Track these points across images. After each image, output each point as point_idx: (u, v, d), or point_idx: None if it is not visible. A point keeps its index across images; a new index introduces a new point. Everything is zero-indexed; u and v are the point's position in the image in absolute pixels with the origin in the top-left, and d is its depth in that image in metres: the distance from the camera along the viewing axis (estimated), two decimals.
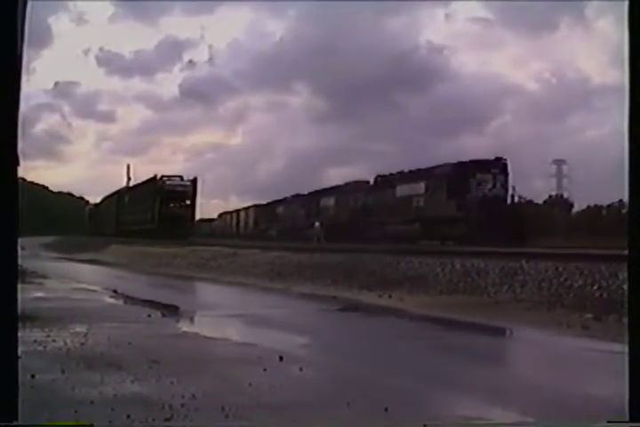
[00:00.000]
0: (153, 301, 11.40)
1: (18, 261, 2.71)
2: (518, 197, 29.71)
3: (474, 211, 26.97)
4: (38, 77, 78.27)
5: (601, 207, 43.39)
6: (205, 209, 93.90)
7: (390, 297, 11.50)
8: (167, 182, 42.49)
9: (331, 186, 41.42)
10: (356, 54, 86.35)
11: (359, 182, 37.42)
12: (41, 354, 5.74)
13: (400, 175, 33.08)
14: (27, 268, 16.98)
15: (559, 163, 52.17)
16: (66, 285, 14.35)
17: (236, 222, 56.15)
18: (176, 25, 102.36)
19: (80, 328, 7.34)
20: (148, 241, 33.01)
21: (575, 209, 47.77)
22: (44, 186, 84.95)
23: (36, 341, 6.31)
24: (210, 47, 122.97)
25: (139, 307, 10.62)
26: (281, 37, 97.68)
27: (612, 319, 7.88)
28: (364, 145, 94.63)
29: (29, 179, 60.31)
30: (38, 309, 8.62)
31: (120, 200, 51.22)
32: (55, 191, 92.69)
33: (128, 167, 53.78)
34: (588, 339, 7.31)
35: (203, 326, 8.97)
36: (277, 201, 48.37)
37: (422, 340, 7.75)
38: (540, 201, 46.32)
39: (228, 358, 6.02)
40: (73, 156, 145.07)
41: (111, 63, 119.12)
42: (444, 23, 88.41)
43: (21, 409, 2.76)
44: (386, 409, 4.08)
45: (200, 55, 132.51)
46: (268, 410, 4.13)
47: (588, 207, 45.01)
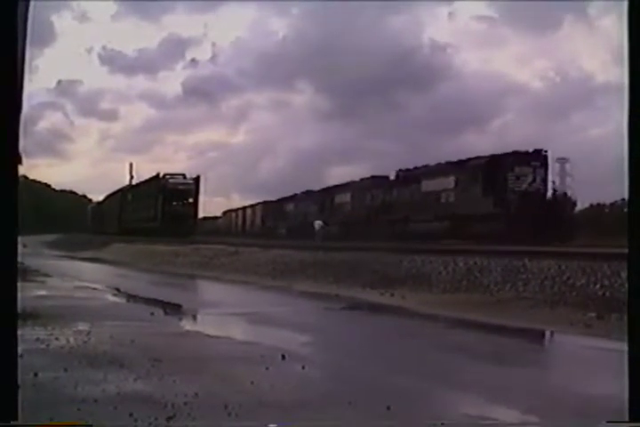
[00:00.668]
0: (155, 299, 11.41)
1: (18, 259, 2.71)
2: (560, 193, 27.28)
3: (513, 207, 24.78)
4: (41, 76, 78.35)
5: (604, 206, 43.25)
6: (208, 207, 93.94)
7: (392, 295, 11.49)
8: (170, 181, 42.51)
9: (346, 182, 39.24)
10: (360, 53, 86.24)
11: (377, 178, 35.46)
12: (43, 352, 5.74)
13: (426, 169, 30.73)
14: (29, 266, 17.03)
15: (562, 161, 52.03)
16: (68, 283, 14.36)
17: (242, 220, 55.02)
18: (179, 23, 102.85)
19: (82, 326, 7.35)
20: (151, 239, 33.05)
21: (578, 207, 47.65)
22: (47, 184, 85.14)
23: (39, 339, 6.31)
24: (213, 45, 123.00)
25: (141, 305, 10.64)
26: (284, 36, 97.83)
27: (615, 318, 7.87)
28: (367, 144, 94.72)
29: (32, 177, 60.54)
30: (41, 307, 8.62)
31: (123, 198, 51.24)
32: (58, 189, 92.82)
33: (131, 165, 53.82)
34: (591, 337, 7.31)
35: (205, 325, 8.97)
36: (287, 198, 46.81)
37: (424, 338, 7.75)
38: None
39: (231, 356, 6.02)
40: (75, 154, 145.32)
41: (114, 61, 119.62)
42: (448, 22, 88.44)
43: (24, 407, 2.76)
44: (388, 408, 4.08)
45: (203, 53, 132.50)
46: (271, 409, 4.13)
47: (591, 206, 44.89)
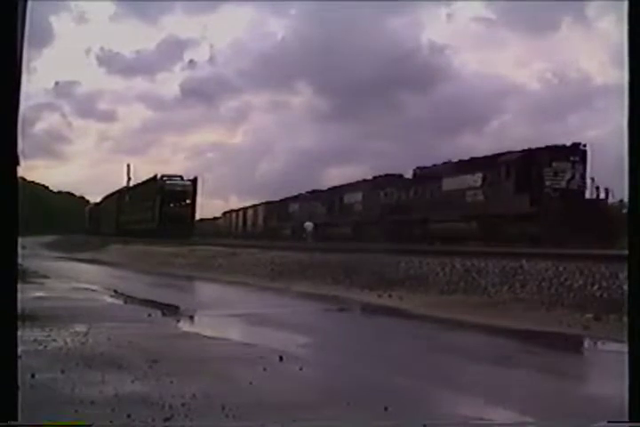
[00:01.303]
0: (153, 300, 11.40)
1: (18, 260, 2.71)
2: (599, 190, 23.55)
3: (552, 206, 22.45)
4: (39, 77, 78.27)
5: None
6: (207, 209, 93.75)
7: (390, 297, 11.49)
8: (167, 182, 42.49)
9: (356, 180, 36.80)
10: (358, 54, 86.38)
11: (391, 176, 33.34)
12: (41, 354, 5.73)
13: (448, 166, 28.48)
14: (27, 267, 16.99)
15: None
16: (66, 284, 14.35)
17: (243, 221, 53.50)
18: (177, 24, 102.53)
19: (80, 328, 7.34)
20: (149, 241, 33.02)
21: None
22: (45, 186, 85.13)
23: (37, 340, 6.30)
24: (211, 46, 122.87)
25: (139, 306, 10.63)
26: (282, 37, 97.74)
27: (613, 319, 7.88)
28: (366, 144, 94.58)
29: (30, 178, 60.49)
30: (39, 308, 8.62)
31: (120, 200, 51.21)
32: (56, 191, 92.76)
33: (128, 167, 53.84)
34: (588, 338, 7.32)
35: (203, 326, 8.97)
36: (291, 198, 44.89)
37: (421, 339, 7.75)
38: None
39: (229, 357, 6.02)
40: (73, 155, 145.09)
41: (112, 62, 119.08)
42: (446, 23, 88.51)
43: (22, 409, 2.76)
44: (385, 409, 4.08)
45: (201, 55, 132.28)
46: (268, 409, 4.13)
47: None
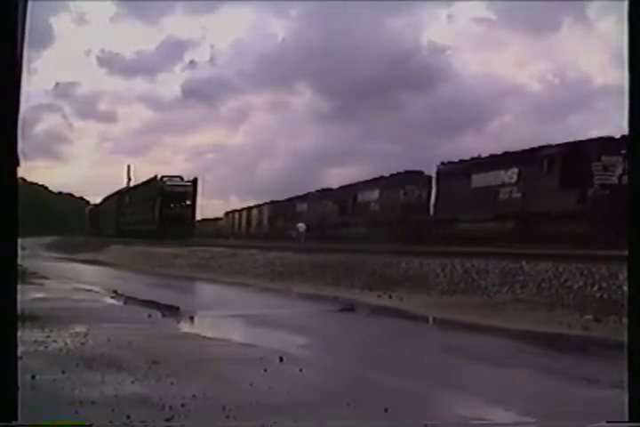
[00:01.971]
0: (153, 301, 11.39)
1: (17, 261, 2.71)
2: None
3: (601, 204, 20.22)
4: (39, 78, 78.32)
5: None
6: (207, 209, 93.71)
7: (390, 297, 11.49)
8: (167, 183, 42.48)
9: (372, 177, 34.49)
10: (359, 55, 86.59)
11: (411, 173, 31.22)
12: (41, 354, 5.73)
13: (476, 161, 26.39)
14: (27, 268, 16.99)
15: None
16: (66, 285, 14.34)
17: (247, 221, 52.03)
18: (178, 25, 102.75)
19: (80, 329, 7.33)
20: (149, 241, 33.01)
21: None
22: (45, 186, 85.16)
23: (37, 341, 6.30)
24: (212, 47, 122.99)
25: (139, 307, 10.62)
26: (283, 37, 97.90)
27: (613, 320, 7.87)
28: (366, 145, 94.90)
29: (30, 179, 60.51)
30: (39, 309, 8.61)
31: (120, 201, 51.21)
32: (56, 192, 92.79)
33: (128, 168, 53.81)
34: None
35: (203, 327, 8.97)
36: (299, 197, 43.50)
37: (421, 340, 7.76)
38: None
39: (229, 358, 6.02)
40: (73, 156, 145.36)
41: (112, 63, 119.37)
42: (447, 24, 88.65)
43: (23, 409, 2.75)
44: (386, 410, 4.08)
45: (202, 55, 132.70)
46: (269, 410, 4.13)
47: None
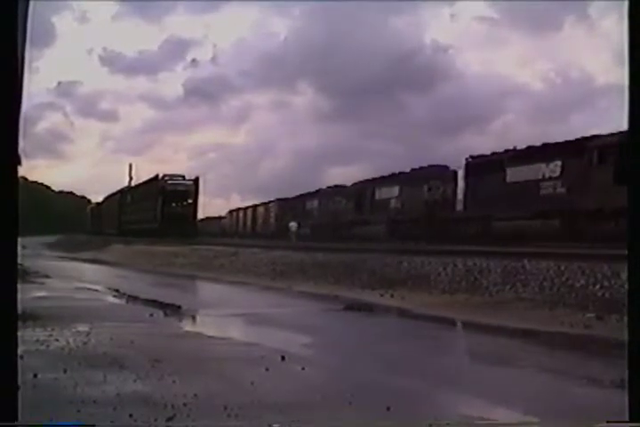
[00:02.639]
0: (155, 300, 11.40)
1: (17, 260, 2.71)
2: None
3: None
4: (41, 76, 78.34)
5: None
6: (209, 208, 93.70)
7: (392, 296, 11.49)
8: (169, 182, 42.52)
9: (391, 173, 32.78)
10: (361, 54, 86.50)
11: (435, 167, 29.42)
12: (43, 353, 5.73)
13: (511, 154, 24.37)
14: (29, 267, 17.01)
15: None
16: (68, 284, 14.35)
17: (252, 220, 50.98)
18: (180, 24, 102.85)
19: (82, 327, 7.34)
20: (150, 240, 33.03)
21: None
22: (46, 185, 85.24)
23: (39, 340, 6.30)
24: (214, 46, 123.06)
25: (141, 306, 10.63)
26: (285, 36, 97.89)
27: (615, 319, 7.86)
28: (369, 144, 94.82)
29: (31, 178, 60.56)
30: (41, 308, 8.62)
31: (122, 200, 51.27)
32: (57, 191, 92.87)
33: (130, 167, 53.94)
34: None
35: (205, 326, 8.97)
36: (309, 194, 42.37)
37: (423, 339, 7.75)
38: None
39: (231, 357, 6.02)
40: (75, 155, 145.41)
41: (114, 62, 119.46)
42: (449, 23, 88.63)
43: (24, 409, 2.75)
44: (388, 408, 4.08)
45: (204, 54, 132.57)
46: (270, 410, 4.13)
47: None
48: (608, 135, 20.14)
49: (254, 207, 51.76)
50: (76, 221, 71.36)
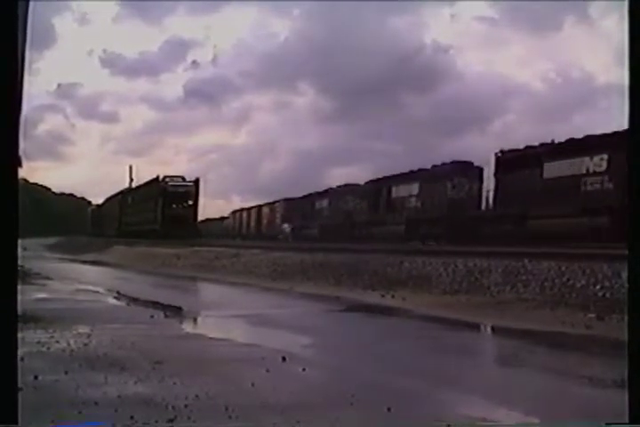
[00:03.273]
0: (156, 302, 11.40)
1: (17, 261, 2.71)
2: None
3: None
4: (42, 78, 78.47)
5: None
6: (210, 209, 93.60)
7: (393, 297, 11.49)
8: (169, 183, 42.52)
9: (409, 170, 30.71)
10: (361, 54, 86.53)
11: (459, 163, 27.50)
12: (44, 355, 5.73)
13: (550, 148, 22.39)
14: (30, 269, 17.02)
15: None
16: (69, 286, 14.35)
17: (256, 220, 49.27)
18: (180, 25, 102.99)
19: (83, 329, 7.33)
20: (151, 242, 33.03)
21: None
22: (47, 187, 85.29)
23: (40, 342, 6.30)
24: (214, 47, 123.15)
25: (142, 308, 10.63)
26: (286, 37, 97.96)
27: (616, 319, 7.86)
28: (370, 145, 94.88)
29: (32, 180, 60.57)
30: (42, 310, 8.62)
31: (123, 201, 51.24)
32: (58, 192, 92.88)
33: (130, 168, 53.87)
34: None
35: (206, 327, 8.97)
36: (318, 193, 40.37)
37: (425, 340, 7.74)
38: None
39: (232, 358, 6.01)
40: (76, 157, 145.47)
41: (115, 64, 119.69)
42: (450, 23, 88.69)
43: (25, 410, 2.75)
44: (389, 409, 4.07)
45: (205, 55, 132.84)
46: (271, 411, 4.13)
47: None
48: None
49: (259, 207, 50.32)
50: (77, 222, 71.36)
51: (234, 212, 57.38)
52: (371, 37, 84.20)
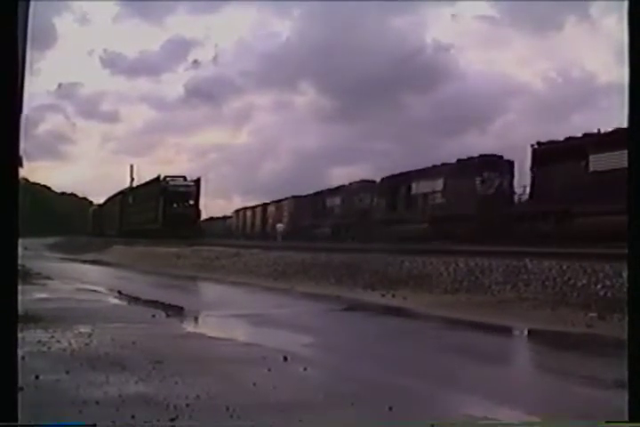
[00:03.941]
0: (157, 301, 11.40)
1: (18, 261, 2.71)
2: None
3: None
4: (42, 78, 78.46)
5: None
6: (211, 208, 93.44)
7: (394, 296, 11.48)
8: (170, 183, 42.51)
9: (432, 165, 28.75)
10: (362, 54, 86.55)
11: (488, 157, 25.69)
12: (45, 355, 5.73)
13: (597, 139, 20.53)
14: (31, 268, 17.02)
15: None
16: (70, 285, 14.35)
17: (262, 219, 47.72)
18: (181, 25, 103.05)
19: (84, 329, 7.33)
20: (152, 241, 33.02)
21: None
22: (48, 187, 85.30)
23: (40, 341, 6.30)
24: (215, 47, 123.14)
25: (143, 307, 10.63)
26: (287, 37, 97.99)
27: (617, 318, 7.86)
28: (370, 145, 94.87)
29: (33, 179, 60.54)
30: (42, 309, 8.62)
31: (124, 201, 51.24)
32: (59, 192, 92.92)
33: (131, 168, 53.86)
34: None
35: (207, 327, 8.97)
36: (330, 190, 38.71)
37: (426, 339, 7.74)
38: None
39: (233, 358, 6.02)
40: (76, 156, 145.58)
41: (116, 63, 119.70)
42: (451, 22, 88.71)
43: (26, 410, 2.75)
44: (390, 408, 4.07)
45: (205, 55, 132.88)
46: (272, 410, 4.13)
47: None
48: None
49: (264, 206, 48.64)
50: (78, 222, 71.38)
51: (237, 211, 56.32)
52: (371, 37, 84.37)
